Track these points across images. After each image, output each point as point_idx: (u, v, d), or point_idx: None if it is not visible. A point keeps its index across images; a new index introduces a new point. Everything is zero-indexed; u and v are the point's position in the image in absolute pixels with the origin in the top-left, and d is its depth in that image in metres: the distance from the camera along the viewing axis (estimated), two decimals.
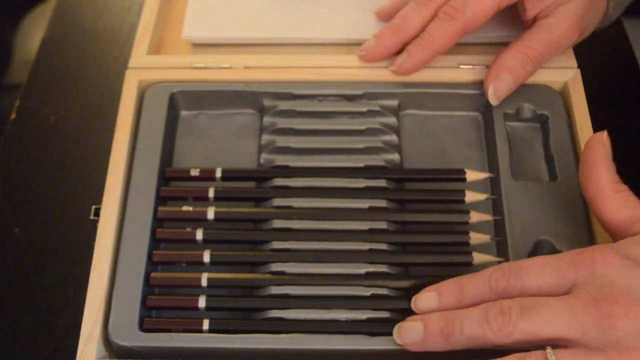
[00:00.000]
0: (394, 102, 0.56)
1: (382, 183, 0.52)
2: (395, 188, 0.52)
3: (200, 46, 0.59)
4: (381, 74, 0.55)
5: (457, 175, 0.52)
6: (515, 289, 0.42)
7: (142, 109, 0.54)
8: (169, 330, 0.47)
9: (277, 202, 0.51)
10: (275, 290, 0.48)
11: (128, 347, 0.46)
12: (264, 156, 0.54)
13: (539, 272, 0.42)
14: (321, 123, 0.55)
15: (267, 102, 0.56)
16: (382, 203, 0.51)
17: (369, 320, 0.47)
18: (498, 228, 0.51)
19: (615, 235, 0.44)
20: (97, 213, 0.50)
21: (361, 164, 0.53)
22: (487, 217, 0.50)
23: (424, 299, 0.44)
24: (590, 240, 0.49)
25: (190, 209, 0.51)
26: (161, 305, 0.48)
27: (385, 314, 0.47)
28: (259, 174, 0.53)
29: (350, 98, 0.55)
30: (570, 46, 0.55)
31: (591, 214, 0.49)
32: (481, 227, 0.50)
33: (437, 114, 0.57)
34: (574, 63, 0.56)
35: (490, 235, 0.50)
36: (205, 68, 0.56)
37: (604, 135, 0.45)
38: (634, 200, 0.44)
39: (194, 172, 0.52)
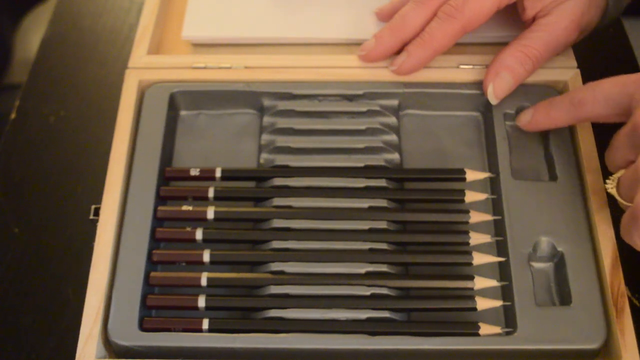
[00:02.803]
0: (394, 102, 0.56)
1: (382, 183, 0.52)
2: (395, 188, 0.52)
3: (200, 46, 0.59)
4: (381, 74, 0.55)
5: (457, 175, 0.52)
6: None
7: (142, 109, 0.54)
8: (169, 330, 0.47)
9: (277, 201, 0.51)
10: (275, 289, 0.48)
11: (128, 346, 0.46)
12: (264, 156, 0.54)
13: None
14: (321, 123, 0.55)
15: (267, 102, 0.56)
16: (382, 203, 0.51)
17: (369, 319, 0.47)
18: (498, 228, 0.51)
19: None
20: (97, 213, 0.50)
21: (361, 164, 0.53)
22: (487, 217, 0.50)
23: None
24: (590, 240, 0.49)
25: (190, 208, 0.51)
26: (161, 305, 0.48)
27: (385, 314, 0.47)
28: (258, 173, 0.53)
29: (350, 98, 0.55)
30: (570, 45, 0.55)
31: (591, 214, 0.49)
32: (481, 227, 0.50)
33: (437, 114, 0.57)
34: (574, 63, 0.56)
35: (490, 235, 0.50)
36: (205, 68, 0.56)
37: None
38: None
39: (194, 172, 0.52)
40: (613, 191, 0.46)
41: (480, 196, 0.51)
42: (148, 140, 0.53)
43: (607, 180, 0.47)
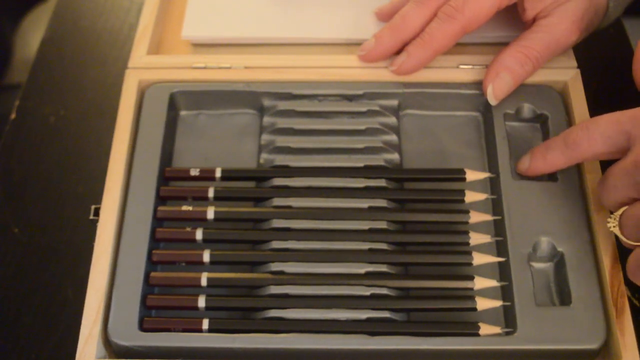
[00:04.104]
0: (394, 102, 0.56)
1: (382, 183, 0.52)
2: (395, 188, 0.52)
3: (200, 46, 0.59)
4: (381, 74, 0.55)
5: (457, 175, 0.52)
6: None
7: (142, 109, 0.54)
8: (169, 330, 0.47)
9: (277, 201, 0.51)
10: (274, 289, 0.48)
11: (128, 346, 0.46)
12: (264, 156, 0.54)
13: None
14: (321, 123, 0.55)
15: (267, 102, 0.56)
16: (382, 203, 0.51)
17: (368, 319, 0.47)
18: (498, 228, 0.51)
19: None
20: (97, 213, 0.50)
21: (361, 164, 0.53)
22: (487, 217, 0.50)
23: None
24: (590, 240, 0.49)
25: (190, 208, 0.51)
26: (161, 305, 0.48)
27: (385, 314, 0.47)
28: (258, 173, 0.53)
29: (350, 98, 0.55)
30: (571, 46, 0.55)
31: (591, 214, 0.50)
32: (481, 227, 0.50)
33: (437, 114, 0.57)
34: (574, 63, 0.56)
35: (490, 235, 0.50)
36: (205, 68, 0.56)
37: None
38: None
39: (194, 172, 0.52)
40: (616, 230, 0.45)
41: (480, 196, 0.51)
42: (148, 140, 0.53)
43: (609, 219, 0.46)
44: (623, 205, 0.45)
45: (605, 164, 0.48)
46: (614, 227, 0.45)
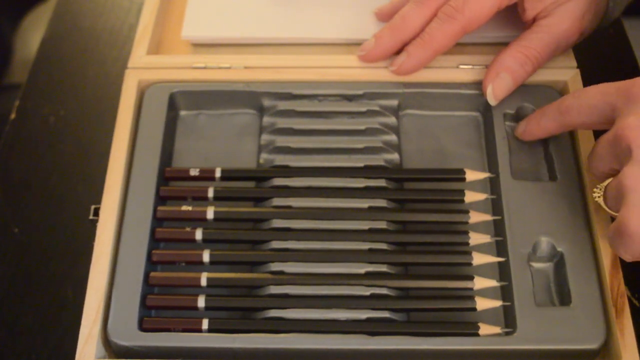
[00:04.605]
0: (394, 102, 0.56)
1: (381, 183, 0.52)
2: (395, 188, 0.52)
3: (200, 46, 0.59)
4: (381, 74, 0.55)
5: (457, 175, 0.52)
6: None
7: (142, 109, 0.54)
8: (169, 330, 0.47)
9: (277, 201, 0.51)
10: (274, 289, 0.48)
11: (127, 346, 0.46)
12: (264, 156, 0.54)
13: None
14: (321, 123, 0.55)
15: (267, 102, 0.56)
16: (381, 203, 0.51)
17: (368, 320, 0.47)
18: (498, 228, 0.51)
19: None
20: (96, 213, 0.50)
21: (361, 164, 0.53)
22: (487, 217, 0.50)
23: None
24: (590, 240, 0.49)
25: (190, 208, 0.51)
26: (160, 305, 0.48)
27: (385, 314, 0.47)
28: (258, 173, 0.53)
29: (350, 98, 0.55)
30: (571, 46, 0.55)
31: (591, 214, 0.50)
32: (481, 227, 0.50)
33: (437, 114, 0.57)
34: (574, 63, 0.56)
35: (490, 235, 0.50)
36: (205, 68, 0.56)
37: None
38: None
39: (194, 172, 0.52)
40: (600, 200, 0.47)
41: (480, 196, 0.51)
42: (148, 140, 0.53)
43: (595, 189, 0.47)
44: (608, 176, 0.46)
45: None
46: (599, 197, 0.47)
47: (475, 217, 0.50)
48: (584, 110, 0.48)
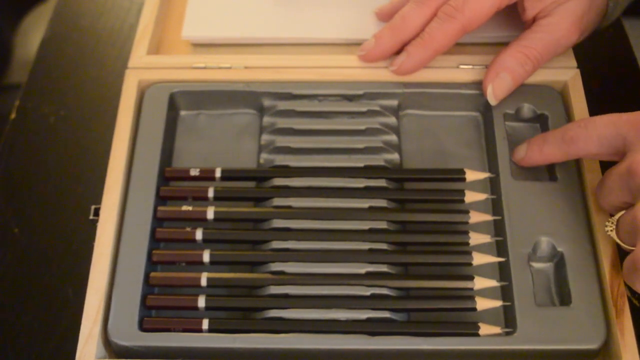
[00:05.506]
0: (394, 102, 0.56)
1: (382, 183, 0.52)
2: (395, 188, 0.52)
3: (200, 46, 0.59)
4: (381, 74, 0.55)
5: (457, 175, 0.52)
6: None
7: (142, 109, 0.54)
8: (169, 330, 0.47)
9: (277, 201, 0.51)
10: (274, 289, 0.48)
11: (128, 346, 0.46)
12: (264, 156, 0.54)
13: None
14: (321, 123, 0.55)
15: (267, 102, 0.56)
16: (382, 203, 0.51)
17: (369, 320, 0.47)
18: (498, 228, 0.51)
19: None
20: (96, 213, 0.50)
21: (361, 164, 0.53)
22: (487, 217, 0.50)
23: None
24: (590, 240, 0.49)
25: (190, 208, 0.51)
26: (161, 305, 0.48)
27: (385, 314, 0.47)
28: (258, 173, 0.53)
29: (350, 98, 0.55)
30: (571, 46, 0.55)
31: (591, 214, 0.50)
32: (481, 227, 0.50)
33: (437, 114, 0.57)
34: (574, 63, 0.56)
35: (490, 235, 0.50)
36: (205, 68, 0.56)
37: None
38: None
39: (194, 172, 0.52)
40: (613, 234, 0.46)
41: (480, 196, 0.51)
42: (148, 140, 0.53)
43: (607, 223, 0.46)
44: (619, 209, 0.46)
45: (606, 164, 0.48)
46: (611, 230, 0.46)
47: (475, 217, 0.50)
48: (593, 141, 0.47)
